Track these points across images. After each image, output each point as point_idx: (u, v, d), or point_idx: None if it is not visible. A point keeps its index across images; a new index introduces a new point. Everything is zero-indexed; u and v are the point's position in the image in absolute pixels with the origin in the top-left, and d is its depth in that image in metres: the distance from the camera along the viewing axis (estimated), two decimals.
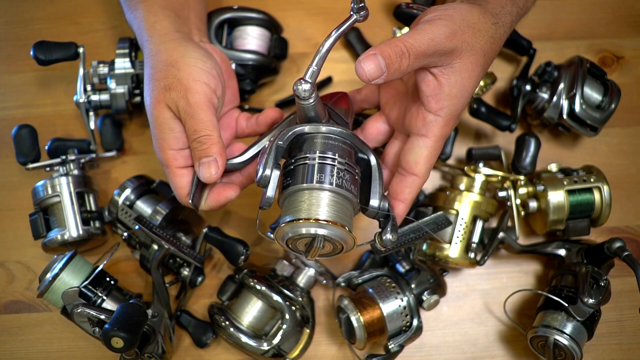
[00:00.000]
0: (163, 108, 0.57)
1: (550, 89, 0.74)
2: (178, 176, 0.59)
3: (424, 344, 0.73)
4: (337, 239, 0.50)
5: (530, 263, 0.76)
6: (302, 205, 0.50)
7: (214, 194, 0.60)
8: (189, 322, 0.72)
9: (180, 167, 0.59)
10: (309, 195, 0.50)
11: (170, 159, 0.58)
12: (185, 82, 0.57)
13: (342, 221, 0.50)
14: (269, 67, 0.76)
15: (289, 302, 0.67)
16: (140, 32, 0.63)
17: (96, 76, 0.75)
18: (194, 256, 0.68)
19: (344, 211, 0.51)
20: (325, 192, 0.50)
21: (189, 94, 0.57)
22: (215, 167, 0.56)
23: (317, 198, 0.50)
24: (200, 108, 0.57)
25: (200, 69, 0.59)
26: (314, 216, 0.49)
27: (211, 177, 0.57)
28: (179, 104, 0.57)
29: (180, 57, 0.59)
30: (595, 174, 0.71)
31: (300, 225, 0.50)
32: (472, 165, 0.73)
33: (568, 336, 0.63)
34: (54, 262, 0.66)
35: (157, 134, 0.58)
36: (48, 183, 0.71)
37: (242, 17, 0.75)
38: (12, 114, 0.81)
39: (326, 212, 0.50)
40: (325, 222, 0.49)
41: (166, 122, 0.58)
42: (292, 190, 0.51)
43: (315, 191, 0.50)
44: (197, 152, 0.57)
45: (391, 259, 0.70)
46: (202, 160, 0.57)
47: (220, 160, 0.57)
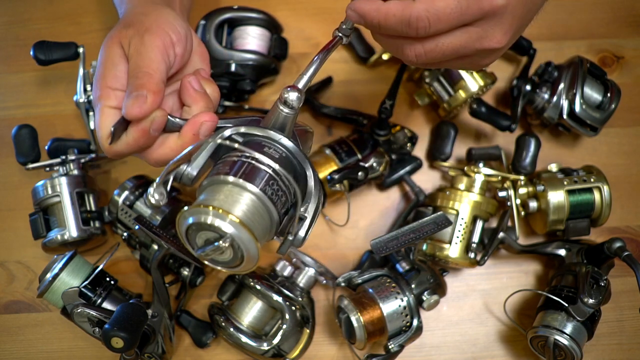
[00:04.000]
0: (115, 44, 0.53)
1: (550, 89, 0.74)
2: (104, 114, 0.51)
3: (424, 344, 0.73)
4: (242, 245, 0.44)
5: (530, 263, 0.76)
6: (219, 195, 0.45)
7: (137, 131, 0.51)
8: (189, 322, 0.72)
9: (110, 107, 0.52)
10: (230, 189, 0.45)
11: (102, 96, 0.52)
12: (148, 24, 0.54)
13: (254, 229, 0.44)
14: (269, 67, 0.76)
15: (289, 302, 0.67)
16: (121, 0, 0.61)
17: None
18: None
19: (261, 222, 0.45)
20: (249, 193, 0.45)
21: (145, 34, 0.53)
22: (142, 102, 0.49)
23: (237, 194, 0.45)
24: (152, 48, 0.52)
25: (169, 21, 0.55)
26: (227, 209, 0.43)
27: (133, 111, 0.49)
28: (132, 40, 0.53)
29: (153, 10, 0.57)
30: (595, 174, 0.71)
31: (208, 212, 0.43)
32: (472, 165, 0.73)
33: (568, 336, 0.63)
34: (54, 262, 0.66)
35: (99, 70, 0.53)
36: (48, 183, 0.71)
37: (242, 17, 0.75)
38: (12, 114, 0.81)
39: (242, 211, 0.44)
40: (237, 220, 0.43)
41: (112, 57, 0.53)
42: (216, 180, 0.46)
43: (239, 188, 0.45)
44: (129, 87, 0.51)
45: (391, 259, 0.70)
46: (133, 93, 0.50)
47: (152, 98, 0.50)
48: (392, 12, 0.47)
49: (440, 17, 0.46)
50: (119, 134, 0.51)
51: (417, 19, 0.47)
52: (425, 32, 0.47)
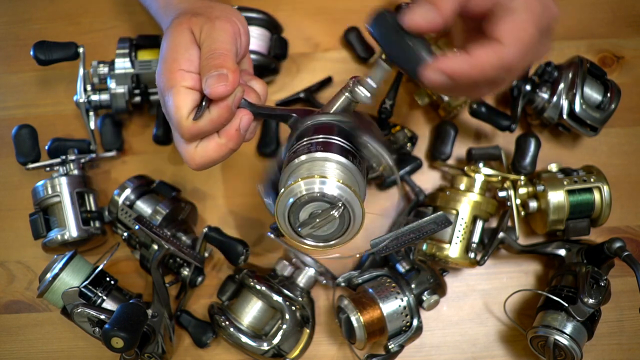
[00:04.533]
0: (185, 30, 0.54)
1: (550, 89, 0.74)
2: (181, 94, 0.51)
3: (424, 344, 0.73)
4: (344, 201, 0.45)
5: (530, 263, 0.76)
6: (314, 169, 0.46)
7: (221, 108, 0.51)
8: (189, 322, 0.72)
9: (187, 87, 0.52)
10: (310, 164, 0.47)
11: (177, 78, 0.52)
12: (217, 13, 0.55)
13: (351, 184, 0.46)
14: (269, 67, 0.76)
15: (289, 302, 0.67)
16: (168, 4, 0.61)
17: (96, 76, 0.75)
18: (194, 256, 0.68)
19: (351, 181, 0.47)
20: (330, 162, 0.47)
21: (216, 21, 0.53)
22: (225, 80, 0.49)
23: (320, 164, 0.47)
24: (224, 33, 0.53)
25: (234, 13, 0.56)
26: (318, 174, 0.45)
27: (218, 89, 0.49)
28: (203, 26, 0.53)
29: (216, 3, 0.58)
30: (595, 174, 0.71)
31: (300, 185, 0.45)
32: (472, 165, 0.73)
33: (568, 336, 0.63)
34: (54, 262, 0.66)
35: (169, 55, 0.53)
36: (48, 183, 0.71)
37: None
38: (12, 114, 0.81)
39: (340, 176, 0.46)
40: (334, 179, 0.45)
41: (183, 42, 0.53)
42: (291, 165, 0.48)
43: (317, 161, 0.47)
44: (207, 67, 0.51)
45: (391, 259, 0.70)
46: (212, 73, 0.50)
47: (233, 76, 0.50)
48: (488, 62, 0.47)
49: (528, 48, 0.48)
50: (203, 112, 0.51)
51: (513, 62, 0.47)
52: (521, 66, 0.49)
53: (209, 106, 0.51)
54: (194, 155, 0.53)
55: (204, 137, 0.53)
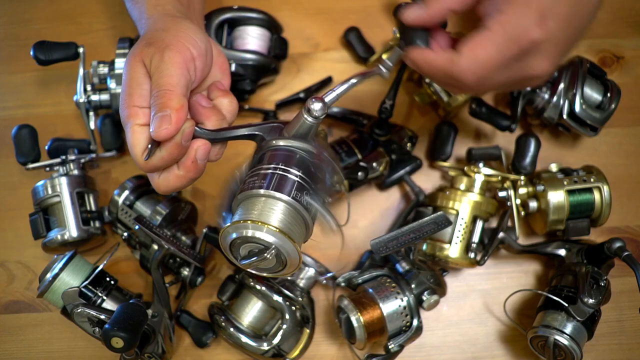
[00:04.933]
0: (137, 62, 0.54)
1: (550, 89, 0.74)
2: (136, 133, 0.53)
3: (424, 344, 0.73)
4: (283, 251, 0.48)
5: (530, 263, 0.76)
6: (255, 208, 0.48)
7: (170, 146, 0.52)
8: (189, 322, 0.72)
9: (140, 125, 0.53)
10: (264, 202, 0.48)
11: (131, 115, 0.53)
12: (168, 40, 0.55)
13: (293, 235, 0.47)
14: (269, 67, 0.76)
15: (289, 302, 0.67)
16: (141, 15, 0.62)
17: (96, 76, 0.75)
18: (194, 256, 0.68)
19: (297, 228, 0.49)
20: (281, 202, 0.48)
21: (165, 51, 0.54)
22: (168, 122, 0.51)
23: (271, 205, 0.48)
24: (172, 64, 0.53)
25: (189, 36, 0.56)
26: (266, 221, 0.47)
27: (161, 132, 0.50)
28: (153, 58, 0.54)
29: (173, 25, 0.57)
30: (595, 174, 0.71)
31: (248, 227, 0.47)
32: (472, 165, 0.73)
33: (568, 336, 0.63)
34: (54, 262, 0.66)
35: (125, 89, 0.54)
36: (48, 183, 0.71)
37: (242, 17, 0.75)
38: (12, 114, 0.81)
39: (279, 220, 0.47)
40: (275, 229, 0.47)
41: (136, 77, 0.54)
42: (247, 195, 0.49)
43: (271, 199, 0.48)
44: (154, 107, 0.52)
45: (391, 259, 0.70)
46: (157, 114, 0.51)
47: (176, 116, 0.51)
48: (438, 66, 0.52)
49: (484, 65, 0.50)
50: (154, 150, 0.53)
51: (461, 73, 0.51)
52: (470, 82, 0.51)
53: (159, 145, 0.53)
54: (158, 184, 0.56)
55: (164, 169, 0.55)
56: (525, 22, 0.49)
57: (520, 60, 0.50)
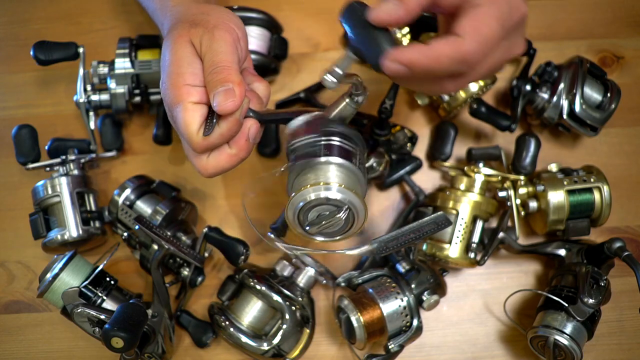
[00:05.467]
0: (185, 42, 0.54)
1: (550, 89, 0.74)
2: (189, 110, 0.52)
3: (424, 344, 0.73)
4: (348, 204, 0.50)
5: (530, 263, 0.76)
6: (319, 174, 0.51)
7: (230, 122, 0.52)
8: (189, 322, 0.72)
9: (194, 102, 0.53)
10: (316, 168, 0.51)
11: (184, 94, 0.52)
12: (214, 22, 0.55)
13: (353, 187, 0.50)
14: (269, 67, 0.76)
15: (289, 302, 0.67)
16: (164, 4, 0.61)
17: (96, 76, 0.75)
18: (194, 256, 0.68)
19: (353, 181, 0.52)
20: (333, 165, 0.51)
21: (215, 30, 0.53)
22: (232, 95, 0.50)
23: (325, 169, 0.51)
24: (225, 43, 0.53)
25: (230, 18, 0.56)
26: (323, 180, 0.50)
27: (227, 105, 0.50)
28: (203, 38, 0.53)
29: (212, 9, 0.57)
30: (595, 174, 0.71)
31: (309, 191, 0.50)
32: (472, 165, 0.73)
33: (568, 336, 0.63)
34: (54, 262, 0.66)
35: (173, 70, 0.53)
36: (48, 183, 0.71)
37: (242, 17, 0.74)
38: (12, 114, 0.81)
39: (335, 176, 0.51)
40: (337, 184, 0.50)
41: (186, 56, 0.54)
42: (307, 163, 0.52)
43: (322, 165, 0.51)
44: (213, 83, 0.52)
45: (391, 259, 0.70)
46: (219, 89, 0.51)
47: (239, 89, 0.51)
48: (444, 53, 0.47)
49: (489, 43, 0.48)
50: (213, 127, 0.52)
51: (470, 55, 0.47)
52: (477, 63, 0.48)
53: (218, 121, 0.52)
54: (207, 166, 0.55)
55: (217, 147, 0.54)
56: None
57: (508, 38, 0.50)
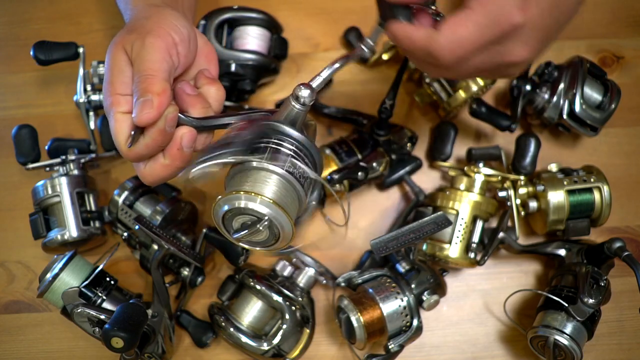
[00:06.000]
0: (119, 50, 0.54)
1: (550, 89, 0.74)
2: (118, 121, 0.52)
3: (424, 344, 0.73)
4: (277, 223, 0.47)
5: (530, 263, 0.76)
6: (248, 180, 0.48)
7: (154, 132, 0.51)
8: (189, 322, 0.72)
9: (122, 112, 0.52)
10: (256, 173, 0.48)
11: (113, 103, 0.52)
12: (149, 27, 0.54)
13: (285, 207, 0.47)
14: (269, 67, 0.76)
15: (289, 302, 0.67)
16: (126, 6, 0.61)
17: (96, 76, 0.75)
18: (194, 256, 0.68)
19: (290, 201, 0.49)
20: (275, 175, 0.48)
21: (147, 37, 0.53)
22: (149, 106, 0.50)
23: (264, 177, 0.48)
24: (153, 50, 0.52)
25: (170, 22, 0.55)
26: (259, 192, 0.47)
27: (143, 117, 0.49)
28: (134, 44, 0.53)
29: (155, 13, 0.57)
30: (595, 174, 0.71)
31: (240, 198, 0.47)
32: (472, 165, 0.73)
33: (568, 336, 0.63)
34: (54, 262, 0.66)
35: (107, 77, 0.54)
36: (48, 183, 0.71)
37: (242, 17, 0.75)
38: (12, 114, 0.81)
39: (272, 192, 0.47)
40: (269, 200, 0.47)
41: (118, 64, 0.53)
42: (240, 168, 0.49)
43: (264, 171, 0.48)
44: (136, 93, 0.51)
45: (391, 259, 0.70)
46: (139, 99, 0.50)
47: (158, 100, 0.50)
48: (417, 40, 0.50)
49: (463, 44, 0.49)
50: (137, 138, 0.52)
51: (439, 50, 0.49)
52: (448, 61, 0.49)
53: (142, 132, 0.52)
54: (144, 174, 0.54)
55: (149, 158, 0.54)
56: (508, 4, 0.48)
57: (500, 44, 0.49)
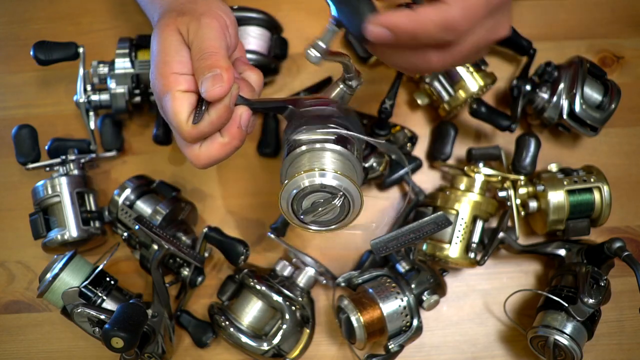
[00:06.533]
0: (172, 31, 0.53)
1: (550, 89, 0.74)
2: (178, 99, 0.51)
3: (424, 344, 0.73)
4: (344, 190, 0.48)
5: (530, 263, 0.76)
6: (314, 160, 0.49)
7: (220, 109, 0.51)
8: (189, 322, 0.72)
9: (182, 91, 0.52)
10: (310, 155, 0.50)
11: (172, 82, 0.52)
12: (201, 9, 0.54)
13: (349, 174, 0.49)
14: (269, 67, 0.76)
15: (289, 302, 0.67)
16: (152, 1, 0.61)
17: (96, 76, 0.75)
18: (194, 256, 0.68)
19: (349, 169, 0.50)
20: (328, 151, 0.50)
21: (202, 17, 0.53)
22: (220, 80, 0.49)
23: (318, 155, 0.49)
24: (212, 29, 0.52)
25: (219, 6, 0.56)
26: (318, 167, 0.48)
27: (215, 90, 0.49)
28: (190, 25, 0.53)
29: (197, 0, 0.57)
30: (595, 174, 0.71)
31: (302, 177, 0.48)
32: (472, 165, 0.73)
33: (568, 336, 0.63)
34: (54, 262, 0.66)
35: (161, 58, 0.53)
36: (48, 183, 0.71)
37: (242, 17, 0.75)
38: (12, 114, 0.81)
39: (330, 163, 0.49)
40: (333, 171, 0.48)
41: (173, 44, 0.53)
42: (293, 155, 0.50)
43: (317, 151, 0.50)
44: (200, 70, 0.51)
45: (391, 259, 0.70)
46: (207, 74, 0.50)
47: (227, 75, 0.50)
48: (429, 18, 0.46)
49: (475, 12, 0.46)
50: (202, 115, 0.51)
51: (456, 22, 0.46)
52: (463, 33, 0.47)
53: (207, 108, 0.51)
54: (199, 156, 0.53)
55: (207, 137, 0.53)
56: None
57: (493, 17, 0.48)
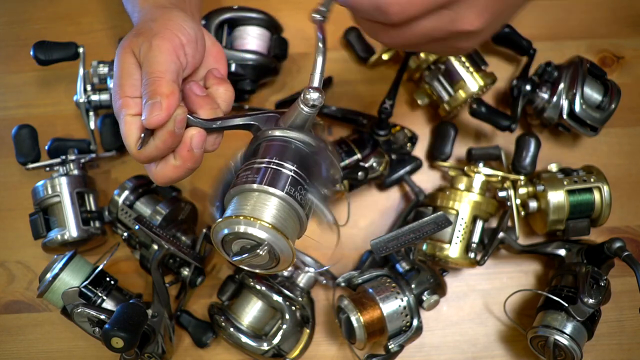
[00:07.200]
0: (127, 53, 0.54)
1: (550, 89, 0.74)
2: (128, 123, 0.52)
3: (424, 344, 0.73)
4: (276, 248, 0.46)
5: (530, 263, 0.76)
6: (247, 204, 0.47)
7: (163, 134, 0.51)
8: (189, 322, 0.72)
9: (132, 115, 0.52)
10: (257, 197, 0.47)
11: (123, 105, 0.52)
12: (156, 29, 0.54)
13: (286, 231, 0.46)
14: (269, 67, 0.76)
15: (289, 302, 0.67)
16: (133, 8, 0.61)
17: (96, 76, 0.75)
18: (194, 256, 0.68)
19: (290, 224, 0.47)
20: (275, 198, 0.47)
21: (153, 39, 0.53)
22: (158, 108, 0.50)
23: (264, 200, 0.47)
24: (160, 52, 0.52)
25: (177, 23, 0.55)
26: (258, 216, 0.46)
27: (152, 119, 0.49)
28: (142, 47, 0.53)
29: (162, 14, 0.57)
30: (595, 174, 0.71)
31: (240, 222, 0.46)
32: (472, 165, 0.73)
33: (568, 336, 0.63)
34: (54, 262, 0.66)
35: (116, 81, 0.54)
36: (48, 183, 0.71)
37: (242, 17, 0.75)
38: (12, 114, 0.81)
39: (271, 215, 0.46)
40: (268, 225, 0.45)
41: (127, 67, 0.54)
42: (240, 189, 0.48)
43: (264, 194, 0.47)
44: (144, 96, 0.51)
45: (391, 259, 0.70)
46: (148, 102, 0.50)
47: (167, 102, 0.50)
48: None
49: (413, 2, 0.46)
50: (147, 140, 0.52)
51: (388, 5, 0.46)
52: (397, 18, 0.46)
53: (152, 134, 0.52)
54: (156, 175, 0.54)
55: (159, 159, 0.54)
56: None
57: (451, 8, 0.47)
